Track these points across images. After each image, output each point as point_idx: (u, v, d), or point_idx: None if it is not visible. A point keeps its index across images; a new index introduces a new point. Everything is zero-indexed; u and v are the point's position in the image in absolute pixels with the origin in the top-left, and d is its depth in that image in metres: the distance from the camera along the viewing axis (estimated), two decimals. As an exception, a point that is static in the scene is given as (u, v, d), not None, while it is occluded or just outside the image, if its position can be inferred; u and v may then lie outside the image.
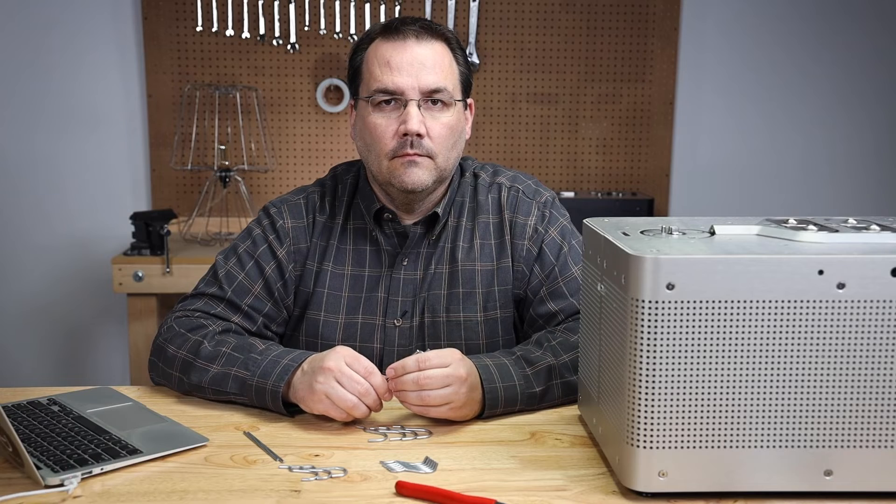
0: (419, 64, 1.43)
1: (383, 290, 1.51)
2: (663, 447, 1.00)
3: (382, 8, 3.10)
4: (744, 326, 0.99)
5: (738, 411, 1.00)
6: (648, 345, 0.98)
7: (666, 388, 0.99)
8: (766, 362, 1.00)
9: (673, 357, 0.99)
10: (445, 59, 1.47)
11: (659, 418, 1.00)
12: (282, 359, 1.31)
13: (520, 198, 1.54)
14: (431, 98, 1.44)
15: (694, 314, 0.98)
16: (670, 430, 1.00)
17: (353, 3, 3.10)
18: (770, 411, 1.01)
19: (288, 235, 1.52)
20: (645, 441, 1.00)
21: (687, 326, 0.98)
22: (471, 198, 1.55)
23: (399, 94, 1.43)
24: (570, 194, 3.17)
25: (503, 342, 1.51)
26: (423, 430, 1.25)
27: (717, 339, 0.99)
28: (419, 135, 1.42)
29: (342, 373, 1.23)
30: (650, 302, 0.97)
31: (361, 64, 1.49)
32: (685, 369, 0.99)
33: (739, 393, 1.00)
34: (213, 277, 1.50)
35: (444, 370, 1.23)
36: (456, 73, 1.48)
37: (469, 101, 1.55)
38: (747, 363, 0.99)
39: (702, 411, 1.00)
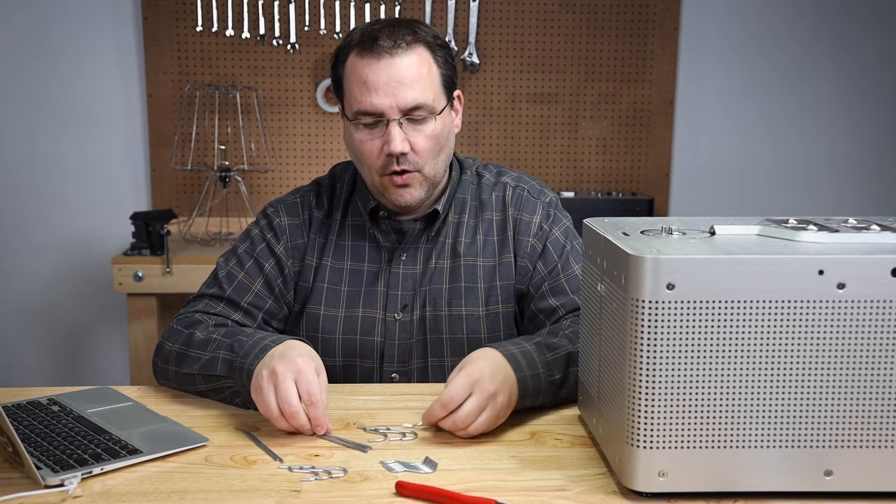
0: (395, 82, 1.40)
1: (383, 284, 1.52)
2: (663, 447, 1.00)
3: (382, 8, 3.10)
4: (744, 326, 0.99)
5: (738, 411, 1.00)
6: (648, 345, 0.98)
7: (666, 388, 0.99)
8: (766, 362, 0.99)
9: (673, 357, 0.99)
10: (423, 68, 1.43)
11: (659, 418, 1.00)
12: (263, 340, 1.30)
13: (525, 196, 1.56)
14: (412, 116, 1.42)
15: (694, 314, 0.98)
16: (670, 430, 1.00)
17: (353, 3, 3.10)
18: (770, 411, 1.01)
19: (285, 232, 1.54)
20: (645, 441, 1.00)
21: (687, 326, 0.98)
22: (473, 196, 1.57)
23: (379, 115, 1.42)
24: (570, 194, 3.17)
25: (504, 336, 1.52)
26: (423, 430, 1.25)
27: (717, 339, 0.99)
28: (403, 153, 1.42)
29: (283, 386, 1.19)
30: (650, 302, 0.97)
31: (342, 78, 1.47)
32: (685, 369, 0.99)
33: (739, 393, 1.00)
34: (214, 279, 1.53)
35: (471, 402, 1.19)
36: (436, 78, 1.45)
37: (456, 93, 1.53)
38: (747, 363, 0.99)
39: (702, 411, 1.00)
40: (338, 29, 3.11)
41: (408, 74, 1.41)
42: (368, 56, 1.42)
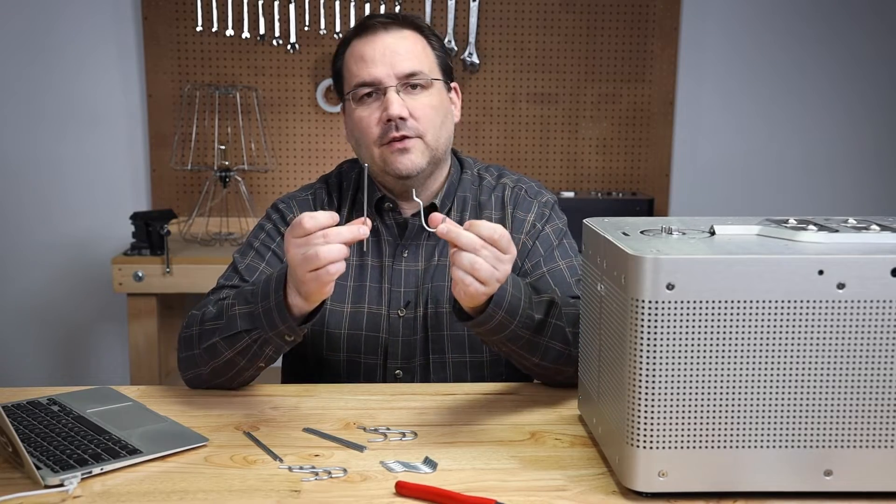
0: (391, 52, 1.47)
1: (386, 280, 1.53)
2: (663, 447, 1.00)
3: (382, 8, 3.10)
4: (744, 326, 0.99)
5: (738, 411, 1.00)
6: (648, 345, 0.98)
7: (666, 388, 0.99)
8: (766, 362, 0.99)
9: (673, 357, 0.99)
10: (418, 45, 1.50)
11: (659, 418, 1.00)
12: (272, 277, 1.30)
13: (522, 196, 1.58)
14: (409, 82, 1.47)
15: (694, 314, 0.98)
16: (670, 430, 1.00)
17: (353, 3, 3.10)
18: (770, 411, 1.01)
19: None
20: (645, 441, 1.00)
21: (687, 326, 0.98)
22: (474, 196, 1.58)
23: (377, 83, 1.47)
24: (570, 194, 3.17)
25: None
26: (423, 430, 1.25)
27: (717, 339, 0.99)
28: (402, 118, 1.45)
29: (303, 242, 1.18)
30: (650, 302, 0.97)
31: (342, 67, 1.53)
32: (685, 369, 0.99)
33: (739, 393, 1.00)
34: (234, 271, 1.52)
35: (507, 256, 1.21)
36: (432, 56, 1.52)
37: (453, 84, 1.58)
38: (747, 363, 0.99)
39: (702, 411, 1.00)
40: (338, 29, 3.11)
41: (402, 45, 1.49)
42: (365, 35, 1.50)
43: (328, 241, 1.18)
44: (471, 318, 1.28)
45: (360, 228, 1.20)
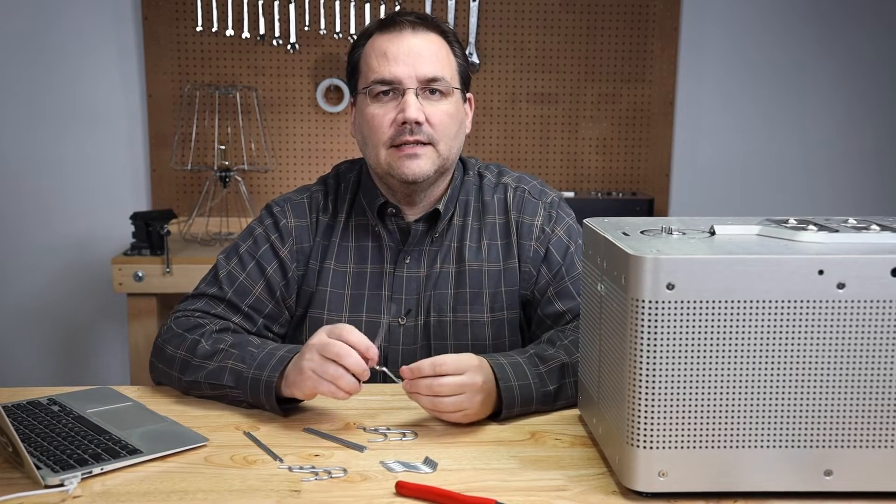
0: (416, 54, 1.44)
1: (387, 287, 1.50)
2: (663, 447, 1.00)
3: (382, 8, 3.10)
4: (744, 326, 0.99)
5: (738, 411, 1.00)
6: (648, 345, 0.98)
7: (666, 388, 0.99)
8: (766, 362, 1.00)
9: (673, 357, 0.99)
10: (442, 50, 1.47)
11: (659, 418, 1.00)
12: (278, 351, 1.31)
13: (525, 198, 1.55)
14: (429, 87, 1.44)
15: (694, 314, 0.98)
16: (670, 430, 1.00)
17: (353, 3, 3.10)
18: (770, 411, 1.01)
19: (291, 234, 1.51)
20: (645, 441, 1.00)
21: (687, 326, 0.98)
22: (476, 198, 1.55)
23: (397, 83, 1.43)
24: (570, 194, 3.17)
25: (509, 343, 1.51)
26: (423, 430, 1.25)
27: (717, 339, 0.99)
28: (418, 122, 1.42)
29: (325, 346, 1.22)
30: (650, 302, 0.97)
31: (360, 59, 1.50)
32: (685, 369, 0.99)
33: (739, 393, 1.00)
34: (214, 278, 1.50)
35: (458, 378, 1.22)
36: (453, 64, 1.49)
37: (468, 95, 1.55)
38: (747, 363, 1.00)
39: (702, 411, 1.00)
40: (338, 29, 3.11)
41: (427, 48, 1.45)
42: (390, 31, 1.46)
43: (340, 379, 1.21)
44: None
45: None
